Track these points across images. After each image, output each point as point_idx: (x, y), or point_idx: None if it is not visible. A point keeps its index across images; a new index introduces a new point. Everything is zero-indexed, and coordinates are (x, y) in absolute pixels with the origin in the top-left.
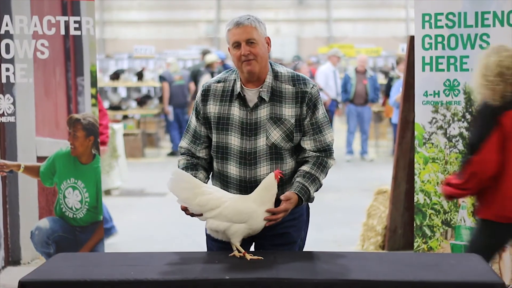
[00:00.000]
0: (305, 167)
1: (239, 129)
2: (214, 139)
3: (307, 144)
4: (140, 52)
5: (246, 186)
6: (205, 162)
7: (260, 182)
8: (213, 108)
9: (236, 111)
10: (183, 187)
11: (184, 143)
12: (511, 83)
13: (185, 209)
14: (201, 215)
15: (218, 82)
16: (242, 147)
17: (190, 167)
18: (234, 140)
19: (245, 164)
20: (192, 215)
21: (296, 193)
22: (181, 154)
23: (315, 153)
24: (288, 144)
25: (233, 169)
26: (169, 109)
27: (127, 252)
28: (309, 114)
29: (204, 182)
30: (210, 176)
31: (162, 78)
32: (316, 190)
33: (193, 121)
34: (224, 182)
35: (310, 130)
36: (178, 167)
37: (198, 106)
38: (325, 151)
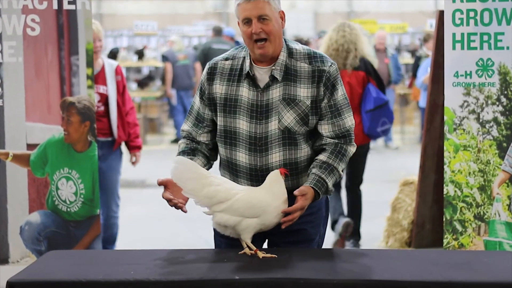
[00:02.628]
0: (322, 156)
1: (248, 111)
2: (220, 122)
3: (325, 129)
4: (141, 28)
5: (257, 175)
6: (205, 148)
7: (272, 170)
8: (219, 88)
9: (244, 92)
10: (188, 177)
11: (186, 126)
12: None
13: (168, 200)
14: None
15: (226, 59)
16: (252, 132)
17: (187, 152)
18: (242, 124)
19: (255, 150)
20: (176, 206)
21: (312, 187)
22: (183, 138)
23: (333, 140)
24: (302, 128)
25: (242, 156)
26: (172, 92)
27: (126, 250)
28: (327, 95)
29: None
30: (219, 165)
31: (164, 58)
32: (335, 182)
33: (196, 102)
34: (233, 171)
35: (328, 113)
36: (178, 151)
37: (203, 86)
38: (344, 137)
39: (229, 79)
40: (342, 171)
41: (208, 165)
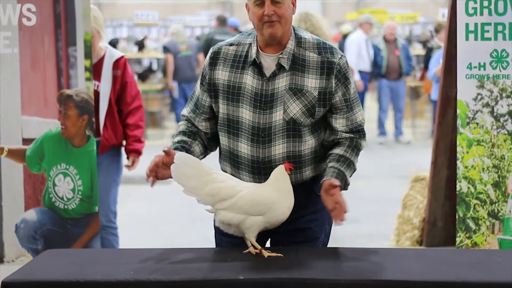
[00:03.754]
0: (338, 150)
1: (251, 100)
2: (223, 110)
3: (340, 123)
4: (141, 18)
5: (259, 168)
6: (204, 136)
7: (275, 162)
8: (222, 75)
9: (249, 80)
10: (190, 175)
11: (185, 111)
12: None
13: (150, 169)
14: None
15: (231, 45)
16: (255, 122)
17: (188, 134)
18: (245, 114)
19: (258, 141)
20: (147, 177)
21: (335, 179)
22: (183, 120)
23: (348, 135)
24: (308, 119)
25: (244, 147)
26: (174, 85)
27: (126, 249)
28: (341, 89)
29: (199, 158)
30: (219, 156)
31: (165, 49)
32: (351, 176)
33: (197, 87)
34: (234, 162)
35: (344, 107)
36: (177, 131)
37: (205, 71)
38: (359, 132)
39: (233, 65)
40: (356, 165)
41: (205, 154)
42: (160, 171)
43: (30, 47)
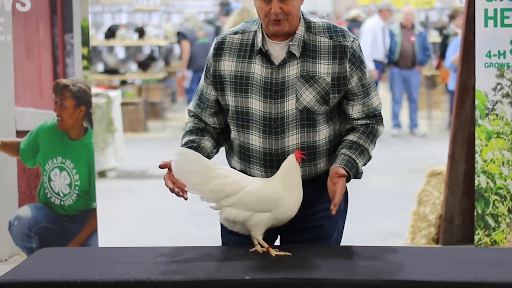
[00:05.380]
0: (351, 136)
1: (261, 90)
2: (231, 103)
3: (356, 110)
4: (141, 3)
5: (272, 161)
6: (213, 131)
7: (288, 154)
8: (228, 65)
9: (257, 69)
10: (192, 171)
11: (191, 105)
12: None
13: (171, 189)
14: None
15: (235, 33)
16: (266, 112)
17: (195, 132)
18: (255, 104)
19: (270, 133)
20: (178, 195)
21: (343, 167)
22: (190, 117)
23: (363, 121)
24: (322, 107)
25: (255, 140)
26: (188, 74)
27: (125, 247)
28: (357, 74)
29: (211, 153)
30: (227, 151)
31: (181, 35)
32: (365, 164)
33: (202, 80)
34: (244, 156)
35: (361, 93)
36: (185, 130)
37: (209, 63)
38: (375, 117)
39: (239, 55)
40: (371, 152)
41: (217, 148)
42: (178, 183)
43: (24, 34)
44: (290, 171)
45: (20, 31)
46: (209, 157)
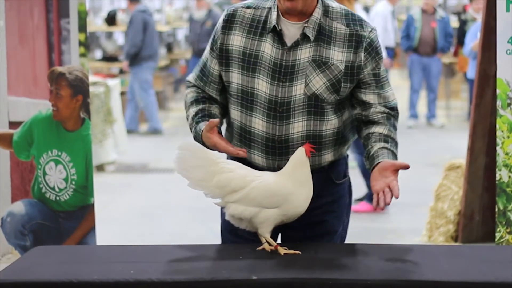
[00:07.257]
0: (381, 129)
1: (269, 71)
2: (236, 80)
3: (371, 98)
4: None
5: (275, 147)
6: (217, 103)
7: (292, 142)
8: (237, 40)
9: (267, 49)
10: (195, 165)
11: (191, 77)
12: None
13: (227, 151)
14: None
15: (248, 7)
16: (272, 95)
17: (202, 101)
18: (262, 85)
19: (274, 117)
20: (238, 154)
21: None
22: (189, 87)
23: (384, 109)
24: (332, 96)
25: (258, 123)
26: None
27: (125, 245)
28: (371, 64)
29: (221, 121)
30: (226, 133)
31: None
32: None
33: (206, 52)
34: (245, 140)
35: (373, 82)
36: (185, 102)
37: (217, 35)
38: (393, 110)
39: (250, 31)
40: None
41: (224, 118)
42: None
43: (17, 19)
44: (300, 165)
45: (13, 16)
46: (222, 124)
